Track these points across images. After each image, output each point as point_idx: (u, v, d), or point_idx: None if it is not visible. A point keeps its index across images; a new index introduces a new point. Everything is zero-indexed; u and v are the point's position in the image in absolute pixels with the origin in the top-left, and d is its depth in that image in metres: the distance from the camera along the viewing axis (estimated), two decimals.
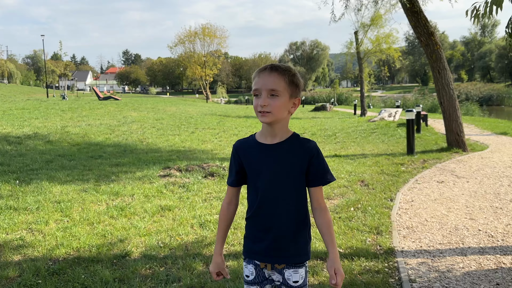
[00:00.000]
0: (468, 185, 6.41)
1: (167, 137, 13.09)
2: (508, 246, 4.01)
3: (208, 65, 62.29)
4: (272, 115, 1.69)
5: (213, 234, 4.35)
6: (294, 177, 1.75)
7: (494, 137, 12.37)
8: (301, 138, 1.80)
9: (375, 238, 4.24)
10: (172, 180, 6.81)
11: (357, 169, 7.74)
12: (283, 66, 1.74)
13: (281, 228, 1.75)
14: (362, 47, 24.89)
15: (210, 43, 62.96)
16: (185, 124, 17.05)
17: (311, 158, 1.75)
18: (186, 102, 41.43)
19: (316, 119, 21.66)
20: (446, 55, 61.42)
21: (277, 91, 1.68)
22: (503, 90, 45.55)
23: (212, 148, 11.16)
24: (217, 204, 5.44)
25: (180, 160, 8.72)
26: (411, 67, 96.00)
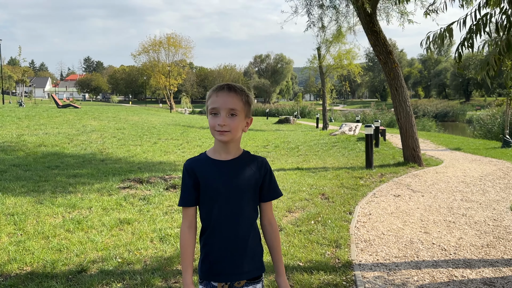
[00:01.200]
0: (423, 199, 6.66)
1: (128, 147, 12.84)
2: (460, 259, 4.19)
3: (172, 75, 61.74)
4: (231, 134, 1.72)
5: (174, 248, 4.30)
6: (249, 192, 1.79)
7: (448, 152, 12.93)
8: (253, 155, 1.85)
9: (334, 251, 4.32)
10: (132, 192, 6.68)
11: (318, 182, 7.88)
12: (238, 86, 1.77)
13: (239, 244, 1.76)
14: (325, 62, 25.48)
15: (175, 53, 62.55)
16: (147, 134, 16.79)
17: (265, 174, 1.81)
18: (149, 111, 40.82)
19: (280, 132, 21.89)
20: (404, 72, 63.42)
21: (236, 111, 1.72)
22: (458, 106, 47.76)
23: (175, 159, 11.04)
24: (179, 218, 5.38)
25: (141, 172, 8.58)
26: (371, 83, 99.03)
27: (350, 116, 39.37)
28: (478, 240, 4.73)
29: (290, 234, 4.82)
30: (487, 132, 19.42)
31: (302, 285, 3.49)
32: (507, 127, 14.47)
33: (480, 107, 43.81)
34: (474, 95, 74.53)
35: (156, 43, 61.50)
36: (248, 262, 1.77)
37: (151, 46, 61.61)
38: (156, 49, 61.84)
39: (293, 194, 6.88)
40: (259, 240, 1.84)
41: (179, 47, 61.71)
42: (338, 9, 11.04)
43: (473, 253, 4.33)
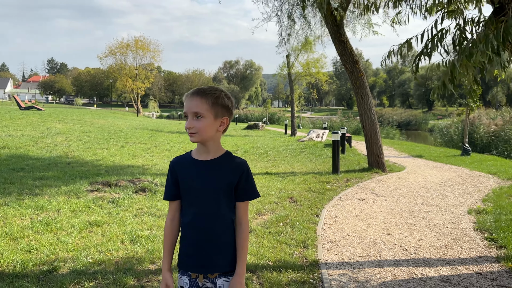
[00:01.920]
0: (386, 203, 6.95)
1: (94, 151, 12.65)
2: (420, 258, 4.44)
3: (140, 78, 60.92)
4: (199, 135, 1.85)
5: (145, 249, 4.35)
6: (225, 191, 1.89)
7: (410, 159, 13.45)
8: (234, 156, 1.96)
9: (302, 251, 4.49)
10: (100, 195, 6.64)
11: (286, 186, 8.06)
12: (207, 89, 1.89)
13: (214, 240, 1.89)
14: (293, 70, 25.92)
15: (143, 56, 61.77)
16: (114, 138, 16.56)
17: (241, 174, 1.91)
18: (115, 115, 40.11)
19: (249, 137, 22.05)
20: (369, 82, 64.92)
21: (200, 113, 1.84)
22: (420, 116, 49.43)
23: (143, 163, 10.98)
24: (149, 220, 5.42)
25: (109, 175, 8.51)
26: (338, 91, 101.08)
27: (317, 123, 40.07)
28: (437, 241, 5.02)
29: (260, 235, 4.96)
30: (448, 140, 20.27)
31: (272, 283, 3.63)
32: (466, 136, 15.19)
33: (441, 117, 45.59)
34: (436, 105, 77.35)
35: (124, 46, 60.60)
36: (221, 257, 1.90)
37: (119, 48, 60.64)
38: (124, 52, 60.93)
39: (263, 197, 7.03)
40: (234, 238, 1.95)
41: (147, 50, 61.03)
42: (307, 18, 11.34)
43: (432, 253, 4.59)
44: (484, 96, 60.35)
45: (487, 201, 7.14)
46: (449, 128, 21.45)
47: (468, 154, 14.13)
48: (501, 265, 4.22)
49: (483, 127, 18.46)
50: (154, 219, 5.48)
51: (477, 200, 7.22)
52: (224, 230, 1.90)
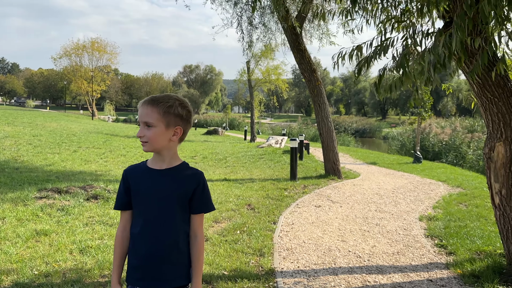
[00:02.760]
0: (341, 210, 7.07)
1: (45, 156, 12.11)
2: (373, 266, 4.52)
3: (95, 81, 59.23)
4: (149, 144, 1.82)
5: (95, 260, 4.17)
6: (178, 202, 1.84)
7: (365, 166, 13.80)
8: (190, 167, 1.92)
9: (258, 259, 4.46)
10: (49, 202, 6.34)
11: (245, 193, 8.03)
12: (160, 97, 1.83)
13: (164, 252, 1.82)
14: (254, 76, 26.04)
15: (99, 58, 60.16)
16: (66, 142, 15.95)
17: (197, 186, 1.87)
18: (69, 118, 38.73)
19: (208, 143, 21.89)
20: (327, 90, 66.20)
21: (150, 123, 1.80)
22: (375, 124, 51.03)
23: (96, 169, 10.62)
24: (100, 229, 5.22)
25: (60, 181, 8.16)
26: (297, 98, 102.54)
27: (277, 130, 40.41)
28: (389, 248, 5.14)
29: (216, 244, 4.89)
30: (401, 148, 20.99)
31: None
32: (418, 144, 15.78)
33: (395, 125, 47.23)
34: (390, 114, 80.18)
35: (79, 47, 58.80)
36: (171, 271, 1.84)
37: (74, 49, 58.77)
38: (79, 53, 59.11)
39: (220, 204, 6.96)
40: (187, 251, 1.89)
41: (104, 52, 59.50)
42: (267, 26, 11.41)
43: (385, 260, 4.69)
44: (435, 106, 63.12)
45: (437, 208, 7.41)
46: (402, 136, 22.24)
47: (420, 162, 14.68)
48: (450, 271, 4.37)
49: (434, 135, 19.26)
50: (106, 228, 5.28)
51: (428, 207, 7.48)
52: (177, 242, 1.84)
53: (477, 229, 5.84)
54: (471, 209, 7.21)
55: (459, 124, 23.82)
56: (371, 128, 47.64)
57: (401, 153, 20.11)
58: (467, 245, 5.10)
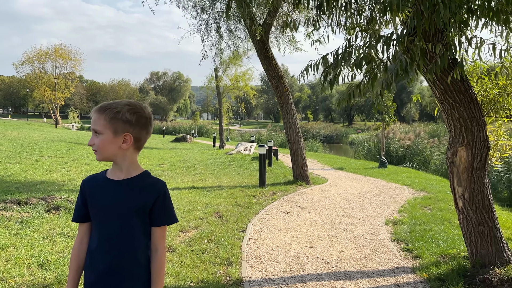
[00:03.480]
0: (309, 216, 7.08)
1: (5, 166, 11.60)
2: (341, 271, 4.52)
3: (59, 88, 57.56)
4: (99, 153, 1.75)
5: (54, 274, 3.98)
6: (138, 214, 1.76)
7: (333, 171, 13.94)
8: (151, 177, 1.83)
9: (226, 269, 4.37)
10: (8, 214, 6.03)
11: (213, 201, 7.92)
12: (109, 104, 1.76)
13: (122, 267, 1.74)
14: (222, 83, 25.96)
15: (63, 65, 58.54)
16: (28, 151, 15.35)
17: (157, 197, 1.78)
18: (31, 126, 37.43)
19: (176, 150, 21.60)
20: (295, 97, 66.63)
21: (97, 130, 1.74)
22: (342, 130, 51.87)
23: (58, 178, 10.24)
24: (61, 241, 5.00)
25: (20, 192, 7.81)
26: (266, 104, 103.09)
27: (246, 136, 40.40)
28: (357, 253, 5.16)
29: (183, 254, 4.77)
30: (367, 153, 21.38)
31: None
32: (383, 149, 16.11)
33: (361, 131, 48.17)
34: (356, 119, 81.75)
35: (43, 54, 57.06)
36: (129, 286, 1.75)
37: (37, 56, 57.00)
38: (42, 60, 57.36)
39: (188, 213, 6.83)
40: (147, 265, 1.80)
41: (68, 59, 57.96)
42: (234, 33, 11.40)
43: (352, 265, 4.71)
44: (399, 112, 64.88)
45: (403, 211, 7.54)
46: (367, 141, 22.67)
47: (385, 167, 14.97)
48: (416, 275, 4.42)
49: (397, 140, 19.73)
50: (67, 240, 5.07)
51: (394, 211, 7.60)
52: (136, 257, 1.76)
53: (442, 232, 5.96)
54: (435, 212, 7.37)
55: (423, 130, 24.52)
56: (338, 134, 48.38)
57: (367, 158, 20.48)
58: (432, 248, 5.19)
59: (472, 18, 3.82)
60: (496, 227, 4.34)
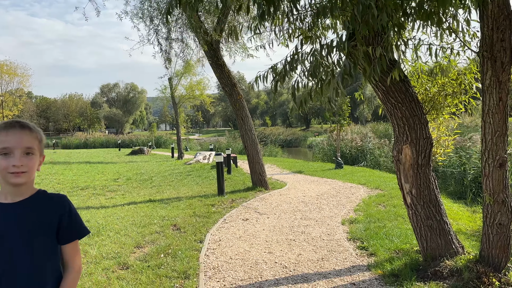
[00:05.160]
0: (268, 221, 7.09)
1: None
2: (299, 275, 4.54)
3: (6, 105, 55.00)
4: (28, 175, 1.62)
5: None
6: (40, 236, 1.62)
7: (291, 175, 14.08)
8: (49, 194, 1.72)
9: (183, 282, 4.29)
10: None
11: (170, 213, 7.78)
12: (31, 124, 1.69)
13: None
14: (177, 92, 25.71)
15: (9, 81, 56.09)
16: None
17: (62, 214, 1.67)
18: None
19: (133, 163, 21.11)
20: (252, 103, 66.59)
21: (32, 149, 1.63)
22: (300, 133, 52.56)
23: None
24: None
25: None
26: (224, 112, 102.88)
27: (205, 145, 40.10)
28: (314, 254, 5.21)
29: (138, 271, 4.63)
30: (324, 155, 21.77)
31: None
32: (338, 151, 16.46)
33: (318, 133, 49.01)
34: (313, 123, 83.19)
35: None
36: None
37: None
38: None
39: (143, 228, 6.66)
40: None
41: (15, 75, 55.59)
42: (185, 42, 11.32)
43: (310, 268, 4.74)
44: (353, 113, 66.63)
45: (358, 210, 7.71)
46: (324, 144, 23.11)
47: (341, 167, 15.29)
48: (371, 273, 4.51)
49: (349, 141, 20.24)
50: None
51: (350, 211, 7.76)
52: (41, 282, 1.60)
53: (395, 228, 6.13)
54: (389, 209, 7.58)
55: (370, 130, 25.31)
56: (296, 138, 48.99)
57: (324, 160, 20.85)
58: (386, 245, 5.32)
59: (408, 20, 3.98)
60: (444, 220, 4.52)
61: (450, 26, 4.03)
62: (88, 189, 11.64)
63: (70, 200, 1.73)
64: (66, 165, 19.69)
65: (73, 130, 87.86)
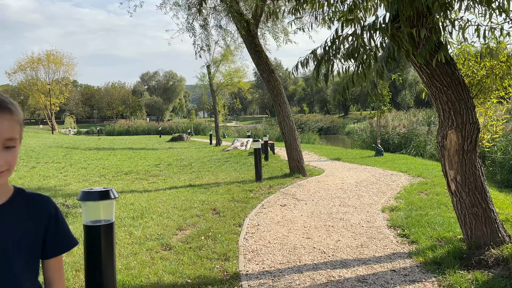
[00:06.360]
0: (306, 207, 7.09)
1: None
2: (337, 260, 4.54)
3: (53, 94, 57.44)
4: (9, 173, 1.24)
5: None
6: (20, 250, 1.27)
7: (329, 162, 13.96)
8: (30, 194, 1.34)
9: (223, 264, 4.38)
10: None
11: (210, 198, 7.93)
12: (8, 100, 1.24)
13: None
14: (215, 80, 25.92)
15: (56, 70, 58.44)
16: (24, 158, 15.32)
17: (48, 221, 1.32)
18: (27, 133, 37.36)
19: (173, 150, 21.58)
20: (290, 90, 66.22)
21: (14, 140, 1.22)
22: (338, 120, 51.89)
23: (56, 184, 10.23)
24: None
25: None
26: (261, 99, 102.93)
27: (242, 132, 40.39)
28: (353, 241, 5.18)
29: (180, 252, 4.78)
30: (363, 142, 21.42)
31: None
32: (378, 137, 16.12)
33: (356, 120, 48.17)
34: (352, 110, 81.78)
35: (35, 60, 56.97)
36: None
37: (29, 63, 56.89)
38: (35, 67, 57.27)
39: (184, 211, 6.83)
40: None
41: (61, 64, 57.86)
42: (223, 28, 11.37)
43: (349, 254, 4.72)
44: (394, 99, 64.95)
45: (399, 198, 7.56)
46: (363, 131, 22.70)
47: (381, 155, 14.99)
48: (412, 260, 4.43)
49: (392, 128, 19.76)
50: None
51: (390, 198, 7.62)
52: None
53: (438, 216, 5.98)
54: (431, 197, 7.39)
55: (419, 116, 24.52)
56: (334, 125, 48.43)
57: (364, 147, 20.51)
58: (428, 232, 5.21)
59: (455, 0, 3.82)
60: (490, 208, 4.36)
61: (500, 5, 3.83)
62: (131, 174, 12.04)
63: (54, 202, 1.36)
64: (110, 151, 20.39)
65: (116, 118, 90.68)
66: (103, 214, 2.78)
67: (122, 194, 8.31)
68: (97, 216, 2.78)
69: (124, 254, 4.70)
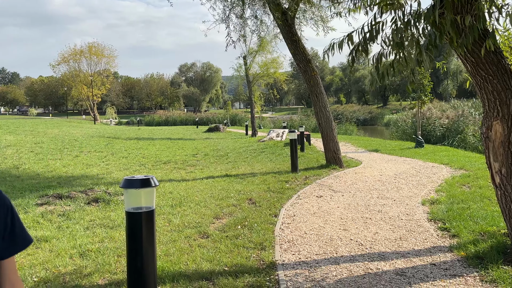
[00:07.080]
0: (343, 199, 7.02)
1: (47, 162, 12.12)
2: (375, 253, 4.48)
3: (95, 85, 59.33)
4: None
5: (95, 263, 4.16)
6: None
7: (367, 154, 13.72)
8: None
9: (259, 253, 4.43)
10: (50, 208, 6.33)
11: (246, 188, 8.00)
12: None
13: None
14: (251, 71, 25.92)
15: (98, 62, 60.29)
16: (68, 147, 15.96)
17: (5, 215, 1.15)
18: (71, 123, 38.83)
19: (210, 140, 21.87)
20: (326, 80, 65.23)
21: None
22: (376, 111, 50.80)
23: (98, 172, 10.61)
24: (101, 232, 5.20)
25: (61, 187, 8.16)
26: (297, 90, 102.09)
27: (278, 123, 40.32)
28: (392, 234, 5.09)
29: (217, 240, 4.86)
30: (402, 133, 20.88)
31: None
32: (419, 128, 15.68)
33: (396, 111, 46.99)
34: (391, 100, 79.81)
35: (77, 52, 58.99)
36: None
37: (72, 55, 59.00)
38: (77, 59, 59.34)
39: (221, 200, 6.93)
40: None
41: (102, 56, 59.63)
42: (259, 18, 11.34)
43: (387, 246, 4.65)
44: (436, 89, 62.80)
45: (440, 191, 7.35)
46: (403, 121, 22.11)
47: (422, 146, 14.58)
48: (453, 254, 4.32)
49: (435, 119, 19.13)
50: (106, 230, 5.27)
51: (431, 191, 7.42)
52: None
53: (481, 210, 5.78)
54: (474, 190, 7.14)
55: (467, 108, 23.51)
56: (372, 115, 47.47)
57: (403, 138, 20.01)
58: (470, 226, 5.05)
59: None
60: None
61: None
62: (170, 163, 12.31)
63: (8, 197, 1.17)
64: (149, 141, 20.91)
65: (155, 108, 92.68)
66: (144, 201, 2.87)
67: (161, 183, 8.52)
68: (138, 203, 2.87)
69: (164, 241, 4.83)
